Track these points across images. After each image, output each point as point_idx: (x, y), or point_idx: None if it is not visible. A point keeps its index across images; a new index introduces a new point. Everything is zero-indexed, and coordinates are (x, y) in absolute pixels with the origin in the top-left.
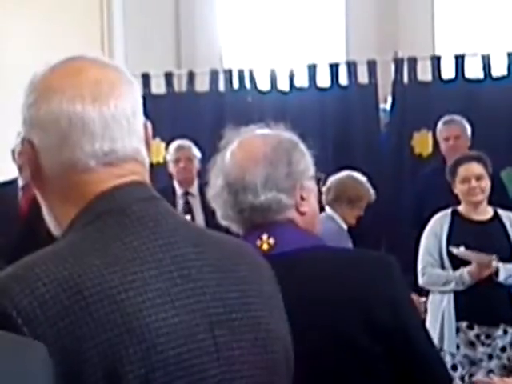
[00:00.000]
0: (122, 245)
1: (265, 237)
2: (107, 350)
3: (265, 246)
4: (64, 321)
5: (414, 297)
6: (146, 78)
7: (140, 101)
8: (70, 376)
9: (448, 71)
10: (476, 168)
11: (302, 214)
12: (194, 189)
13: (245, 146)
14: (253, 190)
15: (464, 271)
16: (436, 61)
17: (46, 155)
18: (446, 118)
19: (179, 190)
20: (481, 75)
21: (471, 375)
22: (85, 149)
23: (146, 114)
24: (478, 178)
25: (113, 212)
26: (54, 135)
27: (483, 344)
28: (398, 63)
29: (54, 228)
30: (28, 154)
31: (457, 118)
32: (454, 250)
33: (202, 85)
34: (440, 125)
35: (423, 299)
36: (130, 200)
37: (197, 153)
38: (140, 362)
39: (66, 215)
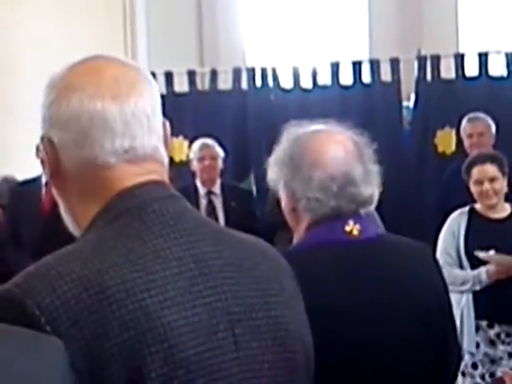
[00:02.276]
0: (143, 243)
1: (351, 223)
2: (129, 349)
3: (355, 232)
4: (86, 319)
5: None
6: (168, 76)
7: (159, 100)
8: (92, 374)
9: (471, 69)
10: (490, 170)
11: None
12: (217, 188)
13: (335, 142)
14: (357, 183)
15: (482, 271)
16: (459, 58)
17: (65, 153)
18: (471, 115)
19: (202, 190)
20: (504, 73)
21: (492, 374)
22: (105, 146)
23: (169, 113)
24: (492, 180)
25: (133, 210)
26: (74, 133)
27: (503, 342)
28: (421, 61)
29: (72, 227)
30: (48, 153)
31: (481, 115)
32: (480, 254)
33: (225, 83)
34: (464, 122)
35: None
36: (149, 198)
37: (220, 152)
38: (162, 361)
39: (86, 214)
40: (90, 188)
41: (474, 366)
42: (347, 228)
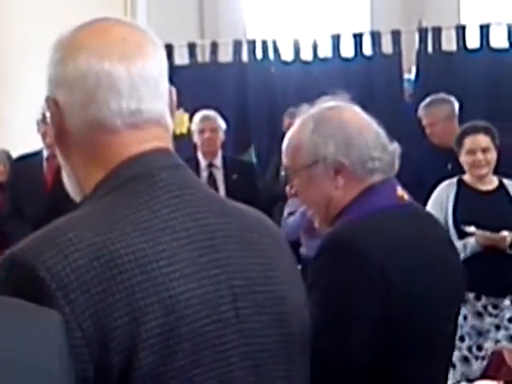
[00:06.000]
0: (152, 213)
1: (399, 188)
2: (138, 320)
3: (405, 196)
4: (96, 288)
5: None
6: (169, 49)
7: (166, 64)
8: (101, 342)
9: (473, 41)
10: (482, 140)
11: None
12: (218, 160)
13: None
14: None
15: (470, 239)
16: (461, 30)
17: (71, 114)
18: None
19: (203, 162)
20: (506, 45)
21: (479, 346)
22: (111, 107)
23: (169, 85)
24: (484, 151)
25: (141, 178)
26: (80, 93)
27: (490, 315)
28: (423, 33)
29: (74, 190)
30: (52, 113)
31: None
32: (467, 228)
33: (226, 55)
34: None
35: None
36: (156, 167)
37: (222, 124)
38: (168, 333)
39: (89, 177)
40: (94, 151)
41: (461, 339)
42: (399, 192)
